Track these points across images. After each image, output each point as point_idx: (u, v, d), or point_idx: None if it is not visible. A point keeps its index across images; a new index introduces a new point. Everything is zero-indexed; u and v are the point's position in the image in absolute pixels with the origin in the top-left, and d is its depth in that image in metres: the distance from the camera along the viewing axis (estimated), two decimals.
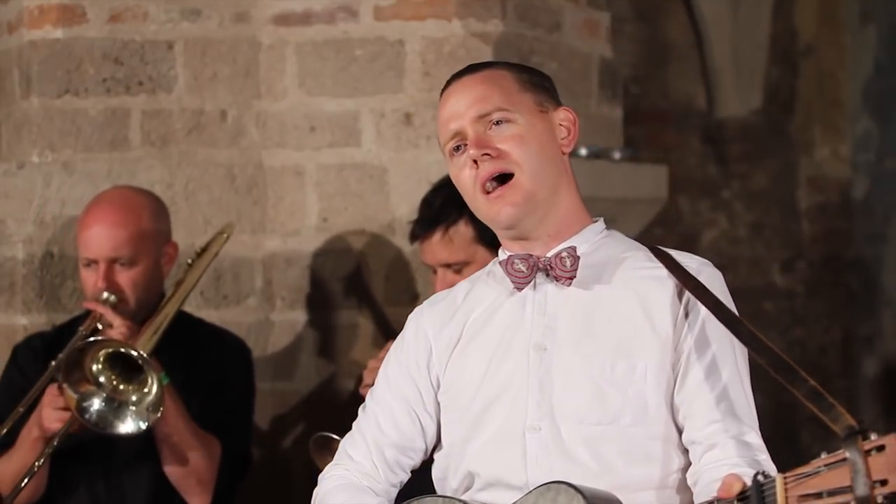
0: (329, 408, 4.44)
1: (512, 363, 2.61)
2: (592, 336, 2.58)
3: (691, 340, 2.56)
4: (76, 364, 3.54)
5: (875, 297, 7.08)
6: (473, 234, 3.68)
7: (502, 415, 2.59)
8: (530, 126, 2.62)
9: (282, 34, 4.48)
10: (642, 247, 2.69)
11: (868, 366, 7.06)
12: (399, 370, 2.76)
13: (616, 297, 2.60)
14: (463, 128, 2.62)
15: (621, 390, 2.54)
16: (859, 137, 7.15)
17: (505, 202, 2.60)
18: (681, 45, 6.82)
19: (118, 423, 3.57)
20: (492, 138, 2.61)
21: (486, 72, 2.68)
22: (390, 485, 2.75)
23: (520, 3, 4.49)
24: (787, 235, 7.04)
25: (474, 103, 2.63)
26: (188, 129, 4.46)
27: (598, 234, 2.68)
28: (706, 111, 6.89)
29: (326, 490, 2.76)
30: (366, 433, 2.76)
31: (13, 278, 4.31)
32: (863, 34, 7.12)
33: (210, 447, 3.70)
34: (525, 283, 2.63)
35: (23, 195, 4.32)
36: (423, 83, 4.40)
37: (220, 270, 4.42)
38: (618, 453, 2.53)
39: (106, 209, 3.79)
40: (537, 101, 2.66)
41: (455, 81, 2.69)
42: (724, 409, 2.52)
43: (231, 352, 3.92)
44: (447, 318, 2.73)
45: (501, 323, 2.65)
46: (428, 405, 2.72)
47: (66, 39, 4.40)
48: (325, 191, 4.46)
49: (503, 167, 2.60)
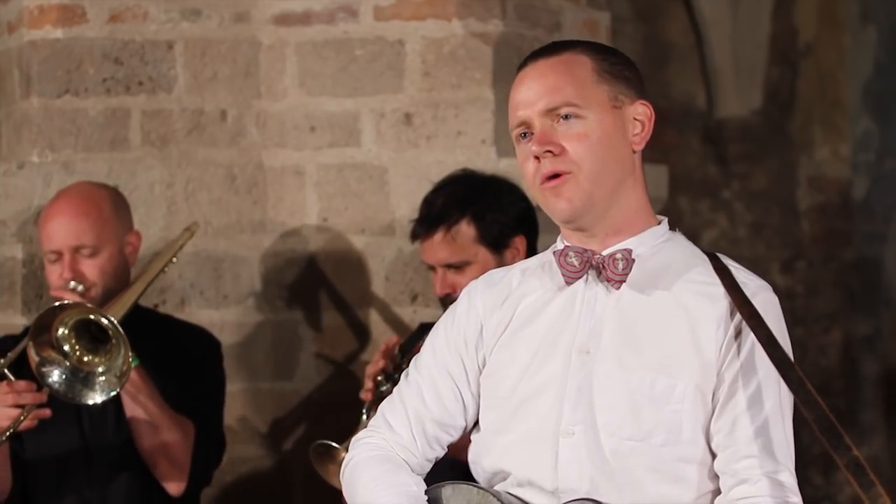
0: (329, 408, 4.44)
1: (554, 362, 2.57)
2: (636, 347, 2.52)
3: (736, 368, 2.49)
4: (45, 328, 3.54)
5: (875, 297, 7.08)
6: (475, 233, 3.68)
7: (538, 414, 2.56)
8: (599, 123, 2.55)
9: (282, 34, 4.48)
10: (703, 256, 2.61)
11: (868, 366, 7.06)
12: (447, 345, 2.70)
13: (666, 310, 2.54)
14: (530, 118, 2.56)
15: (657, 408, 2.49)
16: (859, 137, 7.14)
17: (560, 197, 2.54)
18: (681, 45, 6.82)
19: (87, 393, 3.57)
20: (556, 134, 2.54)
21: (565, 55, 2.58)
22: (426, 459, 2.70)
23: (520, 3, 4.49)
24: (787, 235, 7.04)
25: (545, 94, 2.55)
26: (188, 129, 4.46)
27: (658, 237, 2.61)
28: (706, 111, 6.89)
29: (361, 459, 2.69)
30: (408, 404, 2.70)
31: (13, 278, 4.31)
32: (863, 34, 7.12)
33: (184, 428, 3.71)
34: (576, 277, 2.58)
35: (23, 195, 4.31)
36: (423, 83, 4.40)
37: (220, 270, 4.42)
38: (646, 470, 2.49)
39: (66, 202, 3.82)
40: (612, 95, 2.57)
41: (530, 64, 2.60)
42: (760, 444, 2.47)
43: (201, 343, 3.93)
44: (500, 300, 2.67)
45: (549, 318, 2.60)
46: (472, 384, 2.67)
47: (66, 39, 4.40)
48: (325, 191, 4.46)
49: (561, 167, 2.53)
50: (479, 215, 3.67)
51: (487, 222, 3.67)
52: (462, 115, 4.38)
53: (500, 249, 3.69)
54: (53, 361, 3.57)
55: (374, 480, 2.64)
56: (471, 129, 4.37)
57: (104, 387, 3.57)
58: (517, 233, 3.72)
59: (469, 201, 3.69)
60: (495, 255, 3.68)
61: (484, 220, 3.67)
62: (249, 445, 4.46)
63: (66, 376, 3.57)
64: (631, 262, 2.54)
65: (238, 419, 4.45)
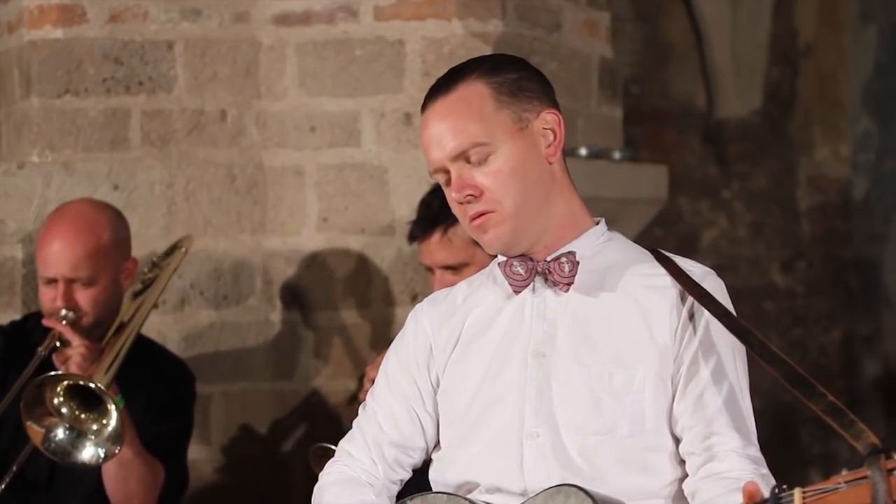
0: (329, 408, 4.44)
1: (510, 369, 2.59)
2: (591, 345, 2.55)
3: (691, 351, 2.53)
4: (37, 399, 3.52)
5: (875, 297, 7.08)
6: None
7: (500, 422, 2.58)
8: (510, 153, 2.55)
9: (282, 34, 4.48)
10: (645, 251, 2.65)
11: (868, 366, 7.06)
12: (399, 368, 2.74)
13: (616, 305, 2.57)
14: (443, 164, 2.57)
15: (619, 401, 2.52)
16: (859, 137, 7.15)
17: (489, 234, 2.58)
18: (681, 45, 6.82)
19: (77, 453, 3.55)
20: (472, 175, 2.55)
21: (460, 89, 2.57)
22: (390, 482, 2.74)
23: (520, 3, 4.49)
24: (787, 235, 7.04)
25: (451, 138, 2.54)
26: (188, 129, 4.46)
27: (599, 237, 2.63)
28: (706, 111, 6.89)
29: (324, 483, 2.76)
30: (365, 431, 2.75)
31: (13, 278, 4.31)
32: (863, 34, 7.12)
33: (155, 471, 3.69)
34: (523, 286, 2.61)
35: (23, 195, 4.32)
36: (423, 83, 4.40)
37: (220, 270, 4.42)
38: (614, 463, 2.51)
39: (65, 227, 3.75)
40: (515, 117, 2.57)
41: (430, 105, 2.60)
42: (723, 421, 2.50)
43: (181, 380, 3.89)
44: (447, 317, 2.71)
45: (501, 327, 2.63)
46: (427, 404, 2.70)
47: (66, 39, 4.40)
48: (325, 191, 4.46)
49: (485, 208, 2.55)
50: None
51: None
52: None
53: None
54: (55, 426, 3.55)
55: (335, 497, 2.70)
56: None
57: (96, 447, 3.55)
58: None
59: None
60: (492, 257, 3.67)
61: None
62: (249, 445, 4.46)
63: (65, 435, 3.56)
64: (576, 264, 2.57)
65: (238, 419, 4.45)
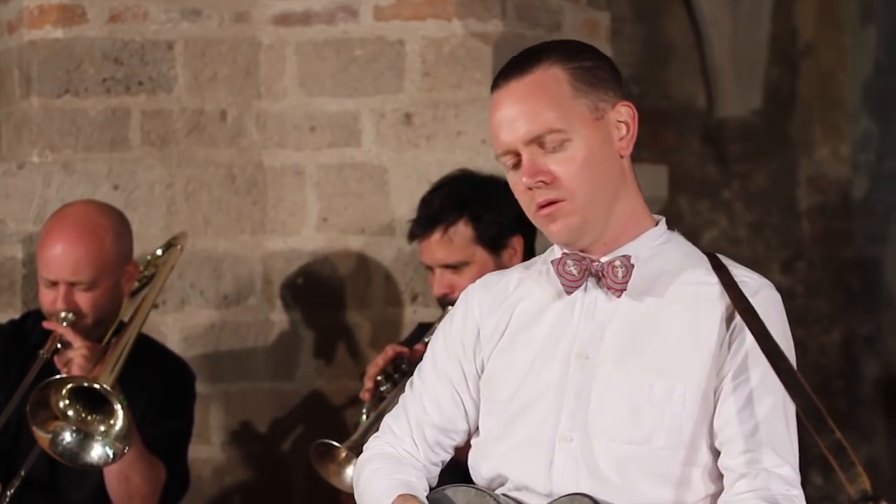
0: (329, 408, 4.44)
1: (552, 368, 2.56)
2: (636, 351, 2.51)
3: (736, 365, 2.49)
4: (42, 403, 3.52)
5: (875, 297, 7.07)
6: (473, 234, 3.68)
7: (536, 420, 2.55)
8: (586, 143, 2.51)
9: (282, 34, 4.48)
10: (702, 256, 2.59)
11: (868, 366, 7.05)
12: (446, 350, 2.70)
13: (665, 313, 2.52)
14: (515, 148, 2.53)
15: (657, 411, 2.48)
16: (859, 137, 7.14)
17: (556, 223, 2.52)
18: (681, 45, 6.81)
19: (86, 455, 3.54)
20: (545, 160, 2.50)
21: (537, 72, 2.52)
22: (431, 463, 2.72)
23: (520, 3, 4.49)
24: (787, 235, 7.04)
25: (525, 122, 2.51)
26: (188, 129, 4.46)
27: (656, 239, 2.59)
28: (706, 111, 6.88)
29: (366, 457, 2.74)
30: (409, 410, 2.72)
31: (13, 278, 4.31)
32: (863, 34, 7.12)
33: (156, 470, 3.69)
34: (575, 287, 2.56)
35: (23, 195, 4.32)
36: (423, 83, 4.40)
37: (220, 270, 4.42)
38: (646, 474, 2.48)
39: (68, 230, 3.73)
40: (592, 106, 2.53)
41: (503, 86, 2.55)
42: (760, 438, 2.46)
43: (181, 379, 3.89)
44: (496, 303, 2.66)
45: (548, 323, 2.59)
46: (472, 388, 2.67)
47: (66, 39, 4.40)
48: (325, 191, 4.46)
49: (555, 196, 2.50)
50: (476, 216, 3.67)
51: (485, 223, 3.66)
52: (462, 115, 4.38)
53: (498, 250, 3.69)
54: (61, 430, 3.55)
55: (374, 472, 2.68)
56: (471, 129, 4.37)
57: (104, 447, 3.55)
58: (515, 233, 3.71)
59: (466, 202, 3.69)
60: (493, 256, 3.68)
61: (481, 221, 3.66)
62: (249, 445, 4.46)
63: (73, 438, 3.56)
64: (630, 269, 2.53)
65: (238, 419, 4.45)
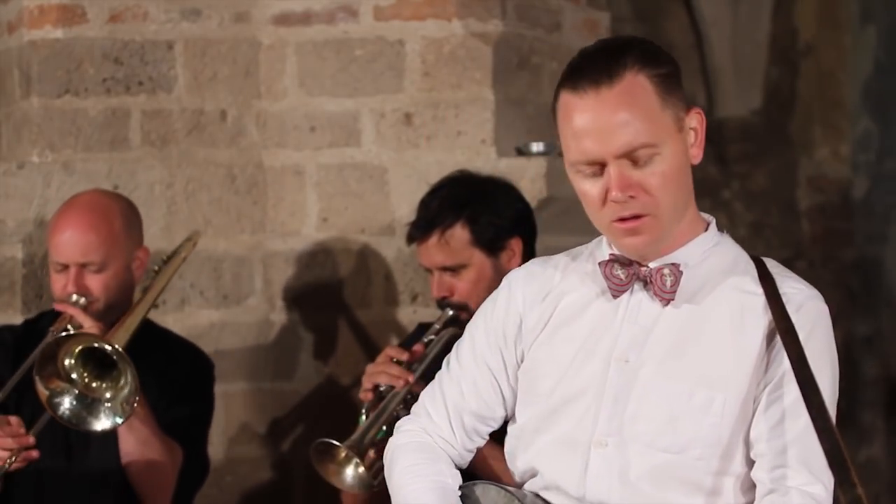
0: (329, 408, 4.44)
1: (592, 367, 2.53)
2: (677, 358, 2.48)
3: (774, 380, 2.46)
4: (49, 359, 3.53)
5: (875, 297, 7.07)
6: (470, 237, 3.67)
7: (574, 419, 2.53)
8: (672, 155, 2.46)
9: (282, 34, 4.48)
10: (750, 262, 2.55)
11: (868, 366, 7.06)
12: (486, 337, 2.68)
13: (709, 321, 2.49)
14: (603, 158, 2.43)
15: (696, 421, 2.45)
16: (859, 137, 7.14)
17: (637, 237, 2.47)
18: (681, 45, 6.81)
19: (93, 420, 3.55)
20: (635, 175, 2.43)
21: (625, 81, 2.44)
22: (466, 450, 2.70)
23: (520, 3, 4.49)
24: (787, 235, 7.04)
25: (620, 134, 2.42)
26: (188, 129, 4.46)
27: (706, 244, 2.55)
28: (706, 111, 6.87)
29: (400, 444, 2.71)
30: (447, 394, 2.69)
31: (13, 278, 4.31)
32: (863, 34, 7.12)
33: (172, 452, 3.69)
34: (621, 291, 2.52)
35: (23, 195, 4.32)
36: (423, 83, 4.40)
37: (220, 270, 4.42)
38: (680, 483, 2.46)
39: (77, 214, 3.76)
40: (675, 117, 2.48)
41: (590, 91, 2.44)
42: (794, 455, 2.43)
43: (197, 365, 3.91)
44: (541, 295, 2.62)
45: (591, 320, 2.56)
46: (511, 377, 2.65)
47: (66, 39, 4.40)
48: (325, 191, 4.46)
49: (644, 210, 2.45)
50: (473, 218, 3.66)
51: (482, 225, 3.66)
52: (462, 115, 4.38)
53: (496, 252, 3.68)
54: (62, 391, 3.55)
55: (410, 467, 2.65)
56: (471, 129, 4.37)
57: (112, 413, 3.56)
58: (513, 235, 3.70)
59: (464, 204, 3.68)
60: (491, 258, 3.67)
61: (478, 223, 3.65)
62: (249, 445, 4.46)
63: (75, 403, 3.56)
64: (679, 277, 2.49)
65: (238, 419, 4.45)
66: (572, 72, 2.49)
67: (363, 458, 3.33)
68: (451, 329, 3.61)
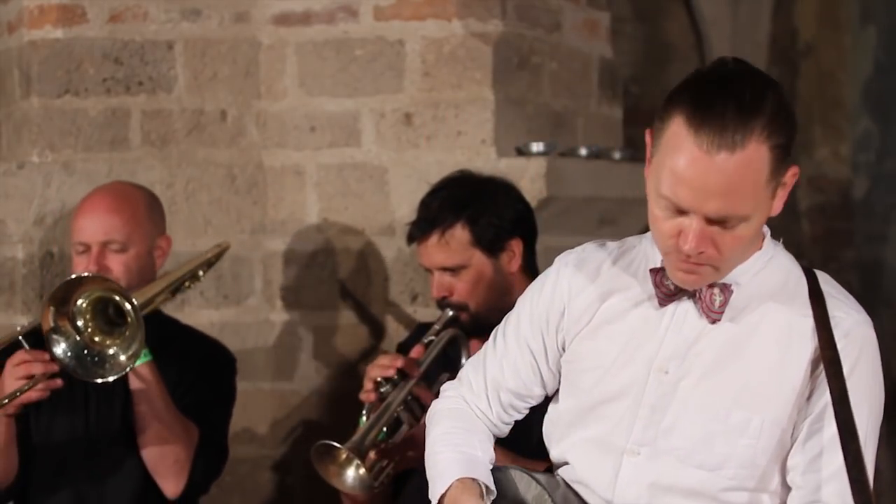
0: (329, 408, 4.44)
1: (632, 372, 2.52)
2: (719, 376, 2.47)
3: (816, 411, 2.44)
4: (66, 297, 3.52)
5: (875, 297, 7.07)
6: (470, 237, 3.66)
7: (610, 422, 2.53)
8: (758, 222, 2.43)
9: (282, 34, 4.48)
10: (802, 278, 2.54)
11: None
12: (531, 319, 2.68)
13: (754, 341, 2.47)
14: (694, 210, 2.37)
15: (731, 441, 2.45)
16: (859, 137, 7.14)
17: (691, 278, 2.44)
18: (681, 45, 6.81)
19: (95, 371, 3.55)
20: (715, 234, 2.38)
21: (748, 152, 2.34)
22: (503, 423, 2.75)
23: (520, 3, 4.49)
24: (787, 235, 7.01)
25: (721, 203, 2.35)
26: (188, 129, 4.46)
27: (761, 263, 2.52)
28: None
29: (441, 408, 2.76)
30: (488, 369, 2.73)
31: (13, 278, 4.31)
32: (863, 34, 7.12)
33: (188, 431, 3.71)
34: (670, 300, 2.51)
35: (23, 195, 4.32)
36: (423, 83, 4.40)
37: (220, 270, 4.42)
38: (710, 501, 2.46)
39: (101, 198, 3.82)
40: (775, 186, 2.41)
41: (709, 148, 2.33)
42: (832, 490, 2.42)
43: (217, 357, 3.93)
44: (587, 287, 2.60)
45: (635, 323, 2.55)
46: (551, 361, 2.67)
47: (66, 39, 4.40)
48: (325, 191, 4.46)
49: (707, 262, 2.40)
50: (473, 219, 3.66)
51: (482, 226, 3.65)
52: (462, 115, 4.38)
53: (496, 252, 3.68)
54: (65, 333, 3.55)
55: (444, 434, 2.69)
56: (471, 129, 4.37)
57: (113, 367, 3.56)
58: (513, 235, 3.70)
59: (464, 204, 3.68)
60: (491, 258, 3.67)
61: (478, 224, 3.65)
62: (249, 445, 4.46)
63: (72, 352, 3.56)
64: (728, 297, 2.47)
65: (238, 419, 4.44)
66: (697, 107, 2.37)
67: (364, 460, 3.32)
68: (451, 329, 3.61)
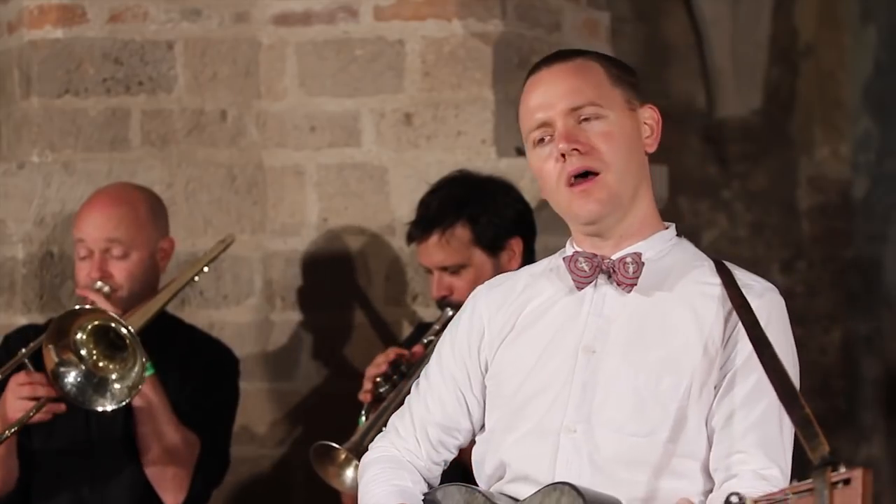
0: (329, 408, 4.44)
1: (559, 361, 2.59)
2: (643, 346, 2.55)
3: (735, 365, 2.52)
4: (63, 331, 3.54)
5: (875, 297, 7.07)
6: (470, 236, 3.67)
7: (541, 411, 2.58)
8: (620, 123, 2.58)
9: (282, 34, 4.49)
10: (708, 259, 2.64)
11: (868, 366, 7.05)
12: (451, 350, 2.74)
13: (672, 310, 2.56)
14: (552, 119, 2.57)
15: (663, 405, 2.51)
16: (859, 137, 7.14)
17: (590, 199, 2.55)
18: (681, 45, 6.82)
19: (97, 399, 3.57)
20: (581, 132, 2.55)
21: (578, 61, 2.61)
22: (433, 462, 2.75)
23: (520, 3, 4.49)
24: (787, 235, 7.04)
25: (566, 95, 2.57)
26: (188, 129, 4.46)
27: (666, 241, 2.63)
28: (706, 111, 6.88)
29: (368, 460, 2.78)
30: (413, 410, 2.76)
31: (13, 278, 4.32)
32: (863, 34, 7.12)
33: (190, 443, 3.71)
34: (586, 283, 2.59)
35: (23, 195, 4.32)
36: (423, 83, 4.40)
37: (220, 270, 4.42)
38: (648, 466, 2.51)
39: (102, 199, 3.83)
40: (626, 98, 2.61)
41: (544, 68, 2.62)
42: (752, 440, 2.49)
43: (221, 358, 3.93)
44: (503, 303, 2.69)
45: (556, 319, 2.62)
46: (475, 388, 2.70)
47: (66, 39, 4.40)
48: (325, 191, 4.46)
49: (591, 164, 2.54)
50: (474, 218, 3.67)
51: (482, 225, 3.66)
52: (462, 115, 4.38)
53: (496, 252, 3.68)
54: (70, 364, 3.56)
55: (374, 477, 2.72)
56: (471, 129, 4.38)
57: (115, 395, 3.57)
58: (513, 235, 3.71)
59: (464, 204, 3.68)
60: (491, 258, 3.68)
61: (479, 223, 3.66)
62: (249, 445, 4.46)
63: (80, 380, 3.56)
64: (641, 266, 2.56)
65: (238, 419, 4.44)
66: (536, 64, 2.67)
67: None
68: None
